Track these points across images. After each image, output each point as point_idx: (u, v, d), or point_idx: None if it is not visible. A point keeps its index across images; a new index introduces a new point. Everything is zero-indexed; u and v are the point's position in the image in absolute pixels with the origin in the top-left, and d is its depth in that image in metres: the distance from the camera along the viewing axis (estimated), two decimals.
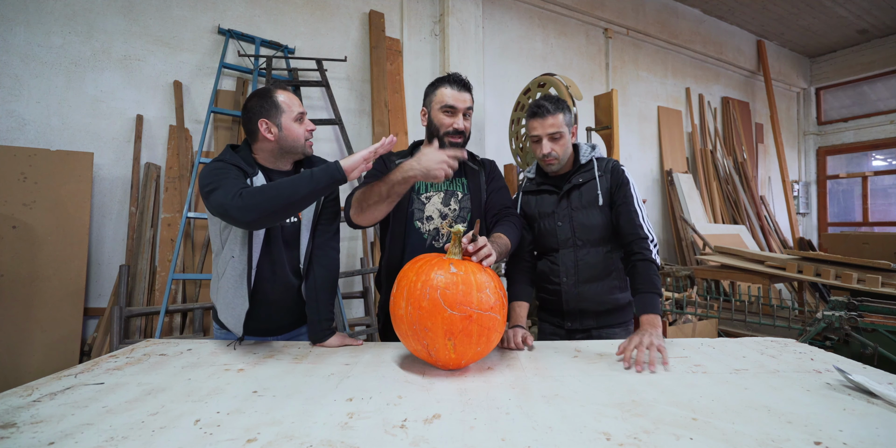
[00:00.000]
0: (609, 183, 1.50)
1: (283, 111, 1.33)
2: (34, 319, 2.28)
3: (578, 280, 1.50)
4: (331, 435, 0.75)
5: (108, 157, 2.65)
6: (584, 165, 1.54)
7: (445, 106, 1.44)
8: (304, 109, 1.39)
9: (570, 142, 1.52)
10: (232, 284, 1.34)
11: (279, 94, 1.35)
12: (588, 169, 1.53)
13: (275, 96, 1.34)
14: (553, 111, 1.45)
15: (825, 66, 7.47)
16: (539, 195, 1.59)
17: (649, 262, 1.39)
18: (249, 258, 1.32)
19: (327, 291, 1.41)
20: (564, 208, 1.52)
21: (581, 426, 0.78)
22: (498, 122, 4.11)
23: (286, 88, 1.39)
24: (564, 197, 1.53)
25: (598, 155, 1.57)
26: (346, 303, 3.27)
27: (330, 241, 1.46)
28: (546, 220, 1.55)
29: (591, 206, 1.50)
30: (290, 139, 1.35)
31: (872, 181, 7.16)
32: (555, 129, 1.45)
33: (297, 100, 1.38)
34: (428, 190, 1.53)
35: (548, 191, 1.57)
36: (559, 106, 1.46)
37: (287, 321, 1.50)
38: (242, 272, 1.33)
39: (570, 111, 1.50)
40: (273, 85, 1.39)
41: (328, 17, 3.40)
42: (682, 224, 5.06)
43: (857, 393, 0.93)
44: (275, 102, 1.33)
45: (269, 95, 1.34)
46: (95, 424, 0.79)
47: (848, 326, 2.03)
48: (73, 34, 2.59)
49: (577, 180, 1.52)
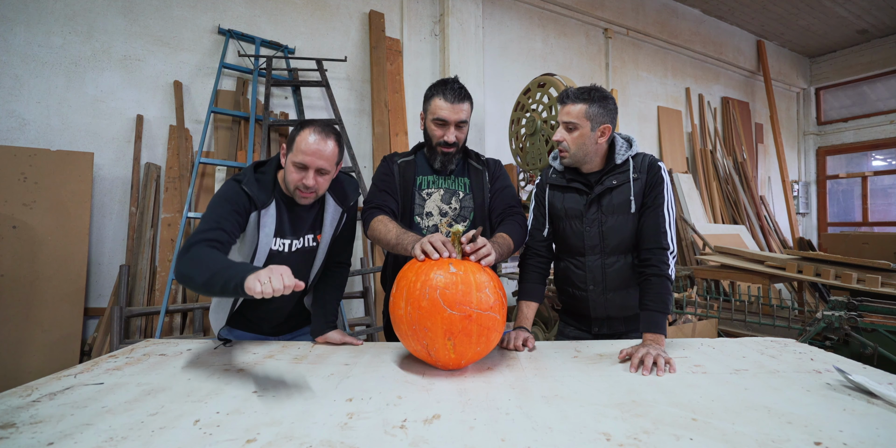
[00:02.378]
0: (643, 184, 1.37)
1: (292, 150, 1.24)
2: (34, 319, 2.28)
3: (606, 288, 1.43)
4: (330, 435, 0.75)
5: (108, 157, 2.65)
6: (619, 165, 1.40)
7: (437, 119, 1.45)
8: (318, 164, 1.22)
9: (595, 140, 1.36)
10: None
11: (306, 133, 1.23)
12: (623, 170, 1.39)
13: (300, 133, 1.24)
14: (573, 99, 1.35)
15: (825, 66, 7.46)
16: (567, 192, 1.46)
17: (664, 278, 1.30)
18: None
19: (334, 297, 1.45)
20: (594, 213, 1.40)
21: (581, 426, 0.78)
22: (498, 122, 4.11)
23: (321, 132, 1.24)
24: (595, 201, 1.40)
25: (634, 152, 1.42)
26: (346, 303, 3.27)
27: (344, 260, 1.49)
28: (573, 222, 1.44)
29: (623, 212, 1.38)
30: (286, 179, 1.27)
31: (872, 181, 7.15)
32: (569, 118, 1.35)
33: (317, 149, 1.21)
34: (429, 186, 1.54)
35: (577, 189, 1.44)
36: (585, 96, 1.34)
37: (287, 326, 1.52)
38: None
39: (601, 106, 1.34)
40: (322, 122, 1.28)
41: (328, 17, 3.40)
42: (682, 224, 5.06)
43: (857, 393, 0.93)
44: (294, 137, 1.24)
45: (300, 129, 1.24)
46: (95, 425, 0.79)
47: (848, 326, 2.03)
48: (73, 34, 2.59)
49: (611, 182, 1.38)
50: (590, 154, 1.39)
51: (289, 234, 1.33)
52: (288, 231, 1.33)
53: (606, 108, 1.35)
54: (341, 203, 1.40)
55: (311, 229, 1.37)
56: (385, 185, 1.52)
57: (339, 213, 1.40)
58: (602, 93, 1.37)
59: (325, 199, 1.38)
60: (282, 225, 1.31)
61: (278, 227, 1.30)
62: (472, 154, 1.61)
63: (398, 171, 1.54)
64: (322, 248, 1.40)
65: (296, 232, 1.34)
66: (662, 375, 1.06)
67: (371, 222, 1.42)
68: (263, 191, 1.27)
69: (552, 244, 1.55)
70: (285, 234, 1.32)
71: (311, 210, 1.37)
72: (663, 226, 1.34)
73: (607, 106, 1.35)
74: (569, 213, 1.45)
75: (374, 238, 1.40)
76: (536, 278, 1.50)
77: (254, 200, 1.24)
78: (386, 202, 1.48)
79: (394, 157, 1.59)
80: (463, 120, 1.46)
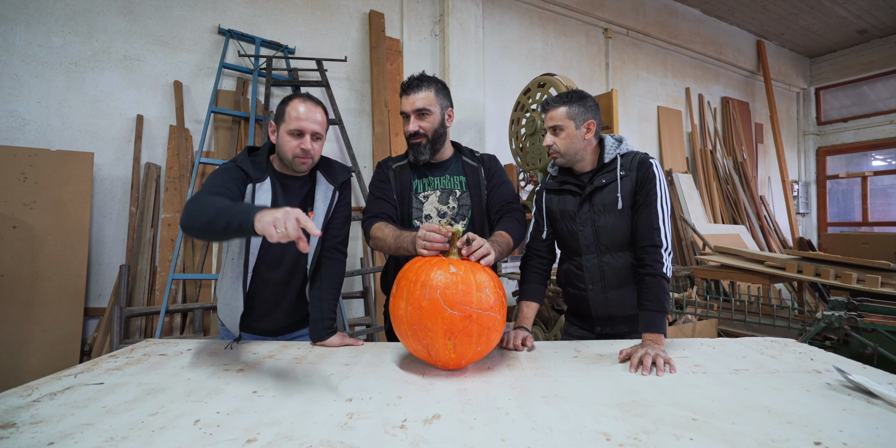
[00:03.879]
0: (633, 182, 1.39)
1: (284, 121, 1.32)
2: (34, 319, 2.28)
3: (605, 286, 1.44)
4: (330, 435, 0.75)
5: (108, 157, 2.65)
6: (608, 164, 1.44)
7: (401, 113, 1.50)
8: (313, 128, 1.30)
9: (582, 136, 1.41)
10: (230, 285, 1.37)
11: (295, 102, 1.31)
12: (612, 168, 1.42)
13: (288, 103, 1.32)
14: (555, 104, 1.42)
15: (825, 66, 7.47)
16: (561, 195, 1.51)
17: (659, 277, 1.30)
18: (246, 261, 1.35)
19: (332, 293, 1.43)
20: (586, 212, 1.44)
21: (581, 426, 0.78)
22: (498, 122, 4.11)
23: (309, 100, 1.33)
24: (587, 200, 1.44)
25: (624, 150, 1.45)
26: (346, 303, 3.27)
27: (339, 245, 1.47)
28: (568, 223, 1.48)
29: (612, 211, 1.40)
30: (282, 150, 1.34)
31: (872, 181, 7.15)
32: (553, 122, 1.42)
33: (309, 115, 1.30)
34: (425, 189, 1.54)
35: (570, 191, 1.48)
36: (564, 99, 1.42)
37: (288, 322, 1.51)
38: (240, 274, 1.35)
39: (580, 104, 1.41)
40: (303, 93, 1.37)
41: (328, 17, 3.40)
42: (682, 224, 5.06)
43: (857, 393, 0.93)
44: (284, 109, 1.32)
45: (286, 101, 1.33)
46: (95, 424, 0.79)
47: (848, 326, 2.03)
48: (73, 34, 2.59)
49: (601, 181, 1.41)
50: (580, 151, 1.44)
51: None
52: (282, 204, 1.36)
53: (586, 105, 1.42)
54: (332, 180, 1.44)
55: (303, 205, 1.41)
56: (381, 192, 1.53)
57: (331, 190, 1.43)
58: (579, 93, 1.44)
59: (316, 177, 1.43)
60: (276, 199, 1.36)
61: (274, 200, 1.35)
62: (465, 151, 1.61)
63: (393, 177, 1.54)
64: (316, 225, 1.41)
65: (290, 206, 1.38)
66: (662, 375, 1.06)
67: (370, 231, 1.43)
68: (258, 168, 1.34)
69: (553, 246, 1.58)
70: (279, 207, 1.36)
71: (303, 187, 1.42)
72: (656, 223, 1.35)
73: (586, 104, 1.42)
74: (563, 214, 1.49)
75: (376, 246, 1.42)
76: (537, 279, 1.52)
77: (249, 175, 1.30)
78: (384, 210, 1.49)
79: (388, 162, 1.59)
80: (420, 108, 1.45)
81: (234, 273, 1.36)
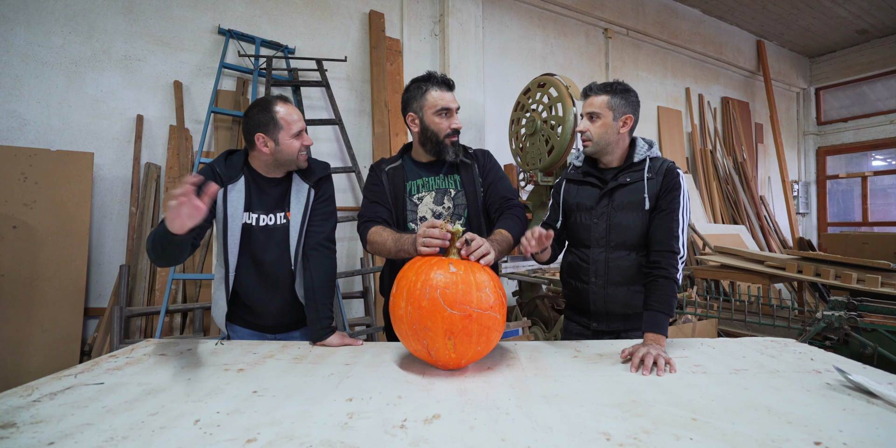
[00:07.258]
0: (659, 186, 1.40)
1: (282, 127, 1.33)
2: (34, 319, 2.28)
3: (608, 282, 1.45)
4: (331, 435, 0.75)
5: (108, 157, 2.65)
6: (636, 164, 1.45)
7: (440, 109, 1.44)
8: (304, 124, 1.38)
9: (617, 129, 1.42)
10: (216, 285, 1.43)
11: (279, 107, 1.34)
12: (639, 168, 1.43)
13: (274, 111, 1.33)
14: (598, 91, 1.43)
15: (825, 66, 7.47)
16: (581, 186, 1.52)
17: (671, 280, 1.32)
18: (226, 261, 1.38)
19: (325, 291, 1.41)
20: (605, 206, 1.45)
21: (581, 426, 0.78)
22: (498, 122, 4.11)
23: (287, 100, 1.38)
24: (607, 195, 1.45)
25: (653, 154, 1.46)
26: (346, 303, 3.27)
27: (325, 240, 1.46)
28: (583, 214, 1.49)
29: (633, 209, 1.41)
30: (285, 154, 1.36)
31: (872, 181, 7.15)
32: (592, 109, 1.42)
33: (297, 114, 1.37)
34: (419, 191, 1.52)
35: (591, 183, 1.49)
36: (607, 88, 1.42)
37: (284, 321, 1.51)
38: (223, 275, 1.40)
39: (623, 97, 1.42)
40: (275, 96, 1.38)
41: (328, 17, 3.40)
42: None
43: (857, 393, 0.93)
44: (273, 118, 1.33)
45: (269, 109, 1.33)
46: (95, 424, 0.79)
47: (848, 326, 2.03)
48: (73, 34, 2.59)
49: (625, 179, 1.43)
50: (612, 143, 1.45)
51: (257, 209, 1.40)
52: (256, 205, 1.40)
53: (628, 99, 1.43)
54: (306, 179, 1.45)
55: (278, 206, 1.43)
56: (375, 196, 1.51)
57: (306, 189, 1.44)
58: (624, 86, 1.44)
59: (292, 178, 1.45)
60: (250, 199, 1.39)
61: (247, 200, 1.38)
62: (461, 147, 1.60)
63: (387, 180, 1.52)
64: (294, 226, 1.42)
65: (264, 207, 1.41)
66: (662, 375, 1.06)
67: (367, 235, 1.43)
68: (232, 168, 1.37)
69: (562, 237, 1.60)
70: (254, 208, 1.40)
71: (277, 186, 1.44)
72: (675, 230, 1.37)
73: (629, 98, 1.43)
74: (580, 205, 1.50)
75: (375, 250, 1.41)
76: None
77: (220, 176, 1.34)
78: (378, 213, 1.47)
79: (381, 164, 1.56)
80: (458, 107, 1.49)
81: (219, 274, 1.42)
